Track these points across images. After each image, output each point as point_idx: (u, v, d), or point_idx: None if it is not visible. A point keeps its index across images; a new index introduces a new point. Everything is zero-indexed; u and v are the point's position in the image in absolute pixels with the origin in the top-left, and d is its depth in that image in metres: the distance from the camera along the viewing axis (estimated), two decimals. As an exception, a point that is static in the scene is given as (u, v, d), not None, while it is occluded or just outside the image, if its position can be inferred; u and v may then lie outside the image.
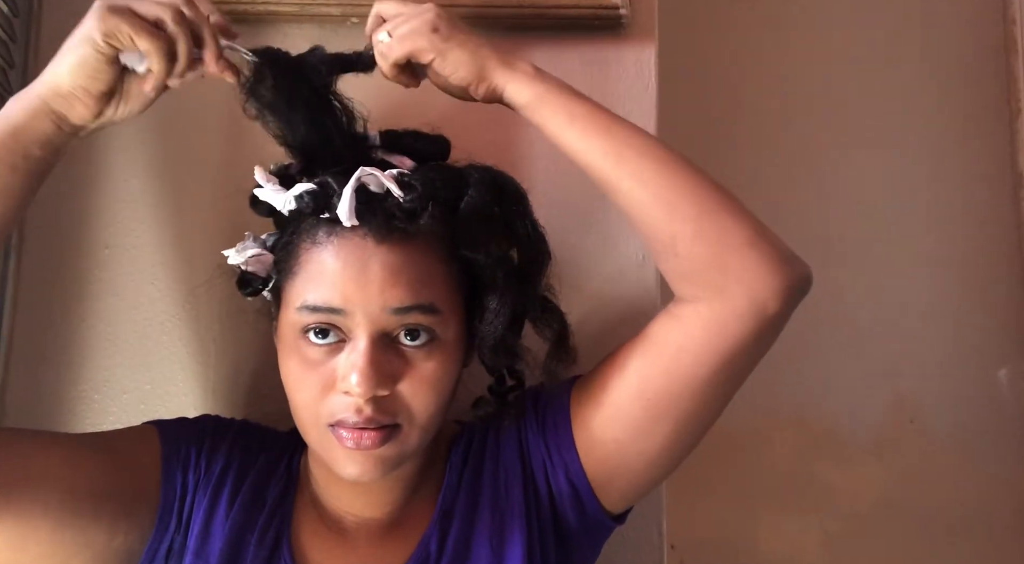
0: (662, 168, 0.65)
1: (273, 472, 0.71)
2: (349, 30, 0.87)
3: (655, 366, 0.66)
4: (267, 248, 0.70)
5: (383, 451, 0.63)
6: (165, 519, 0.67)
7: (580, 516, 0.69)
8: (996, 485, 1.30)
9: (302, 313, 0.63)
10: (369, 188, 0.64)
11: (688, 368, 0.64)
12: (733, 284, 0.62)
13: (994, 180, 1.35)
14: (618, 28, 0.89)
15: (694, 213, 0.63)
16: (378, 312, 0.62)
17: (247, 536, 0.67)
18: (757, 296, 0.62)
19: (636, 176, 0.65)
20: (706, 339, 0.63)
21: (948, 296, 1.33)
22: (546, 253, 0.70)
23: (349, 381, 0.61)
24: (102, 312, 0.85)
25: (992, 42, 1.38)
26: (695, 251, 0.63)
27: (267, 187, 0.67)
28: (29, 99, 0.63)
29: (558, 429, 0.69)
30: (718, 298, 0.63)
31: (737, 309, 0.62)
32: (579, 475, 0.68)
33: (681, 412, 0.66)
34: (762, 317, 0.62)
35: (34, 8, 0.89)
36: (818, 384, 1.30)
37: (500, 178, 0.69)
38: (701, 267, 0.63)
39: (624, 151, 0.65)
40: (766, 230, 0.64)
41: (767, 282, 0.62)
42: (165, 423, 0.72)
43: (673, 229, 0.64)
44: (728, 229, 0.63)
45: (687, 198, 0.64)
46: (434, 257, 0.65)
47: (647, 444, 0.67)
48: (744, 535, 1.29)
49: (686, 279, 0.65)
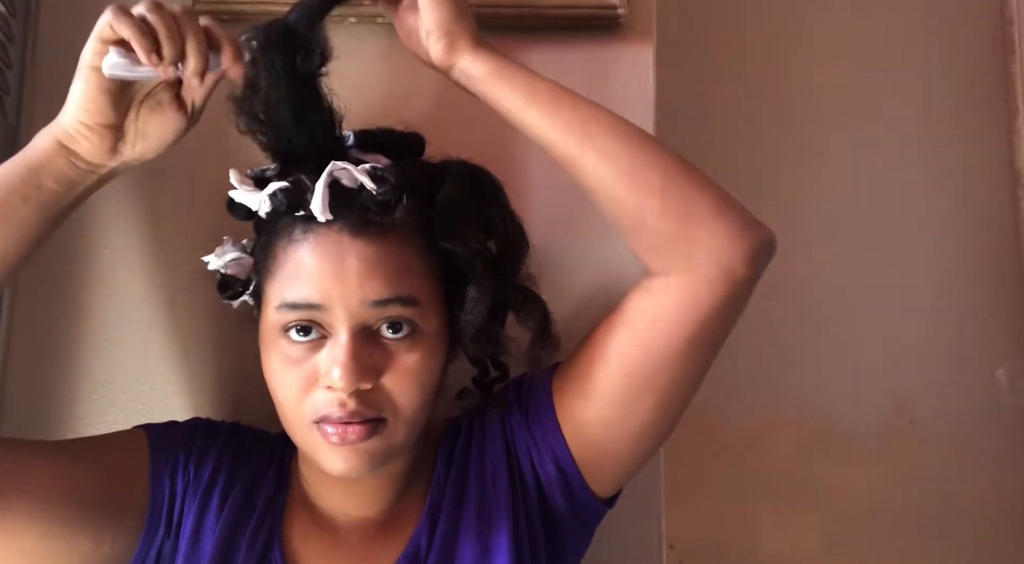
0: (626, 143, 0.66)
1: (263, 475, 0.71)
2: (349, 29, 0.87)
3: (631, 341, 0.66)
4: (246, 251, 0.70)
5: (369, 445, 0.63)
6: (153, 525, 0.67)
7: (569, 501, 0.69)
8: (996, 485, 1.30)
9: (281, 311, 0.63)
10: (342, 183, 0.64)
11: (663, 339, 0.65)
12: (701, 253, 0.63)
13: (993, 179, 1.35)
14: (616, 28, 0.89)
15: (660, 186, 0.64)
16: (357, 306, 0.62)
17: (238, 539, 0.67)
18: (725, 263, 0.63)
19: (602, 152, 0.65)
20: (678, 309, 0.64)
21: (948, 296, 1.33)
22: (524, 243, 0.70)
23: (332, 376, 0.61)
24: (102, 312, 0.85)
25: (990, 42, 1.38)
26: (663, 224, 0.64)
27: (241, 189, 0.68)
28: (46, 133, 0.65)
29: (541, 415, 0.69)
30: (687, 268, 0.64)
31: (707, 277, 0.63)
32: (566, 459, 0.68)
33: (660, 385, 0.66)
34: (731, 283, 0.63)
35: (32, 8, 0.89)
36: (818, 384, 1.30)
37: (476, 170, 0.70)
38: (669, 238, 0.64)
39: (589, 126, 0.66)
40: (728, 197, 0.65)
41: (734, 248, 0.63)
42: (154, 428, 0.71)
43: (640, 203, 0.64)
44: (693, 199, 0.64)
45: (652, 171, 0.65)
46: (411, 249, 0.65)
47: (631, 420, 0.67)
48: (743, 535, 1.29)
49: (654, 252, 0.65)
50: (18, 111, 0.87)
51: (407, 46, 0.73)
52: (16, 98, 0.87)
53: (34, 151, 0.64)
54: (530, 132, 0.68)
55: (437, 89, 0.87)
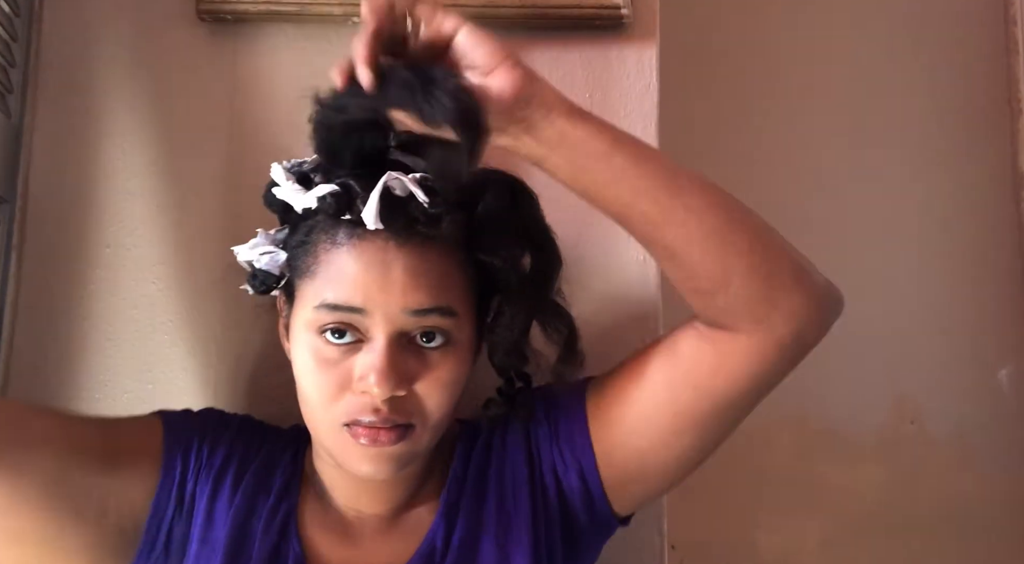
0: (715, 200, 0.61)
1: (277, 462, 0.72)
2: (350, 30, 0.87)
3: (686, 383, 0.65)
4: (279, 246, 0.69)
5: (397, 449, 0.63)
6: (162, 503, 0.67)
7: (589, 515, 0.70)
8: (996, 485, 1.30)
9: (320, 312, 0.63)
10: (393, 192, 0.63)
11: (721, 389, 0.64)
12: (779, 318, 0.61)
13: (995, 180, 1.35)
14: (620, 28, 0.89)
15: (748, 247, 0.61)
16: (397, 313, 0.62)
17: (253, 522, 0.67)
18: (800, 328, 0.62)
19: (691, 208, 0.60)
20: (744, 366, 0.63)
21: (948, 296, 1.33)
22: (558, 258, 0.70)
23: (368, 381, 0.61)
24: (102, 312, 0.85)
25: (993, 43, 1.38)
26: (746, 287, 0.61)
27: (286, 186, 0.66)
28: None
29: (574, 434, 0.69)
30: (761, 329, 0.62)
31: (780, 340, 0.62)
32: (593, 477, 0.68)
33: (705, 427, 0.66)
34: (801, 347, 0.63)
35: (35, 7, 0.89)
36: (818, 384, 1.30)
37: (515, 183, 0.69)
38: (750, 301, 0.61)
39: (679, 179, 0.61)
40: (806, 260, 0.63)
41: (811, 314, 0.62)
42: (170, 413, 0.72)
43: (727, 264, 0.60)
44: (778, 261, 0.62)
45: (742, 231, 0.61)
46: (451, 260, 0.65)
47: (668, 452, 0.67)
48: (744, 535, 1.29)
49: (730, 313, 0.62)
50: (22, 109, 0.87)
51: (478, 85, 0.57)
52: (20, 96, 0.87)
53: None
54: (608, 187, 0.60)
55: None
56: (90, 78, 0.87)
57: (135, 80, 0.88)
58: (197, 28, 0.88)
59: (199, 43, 0.88)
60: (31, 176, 0.87)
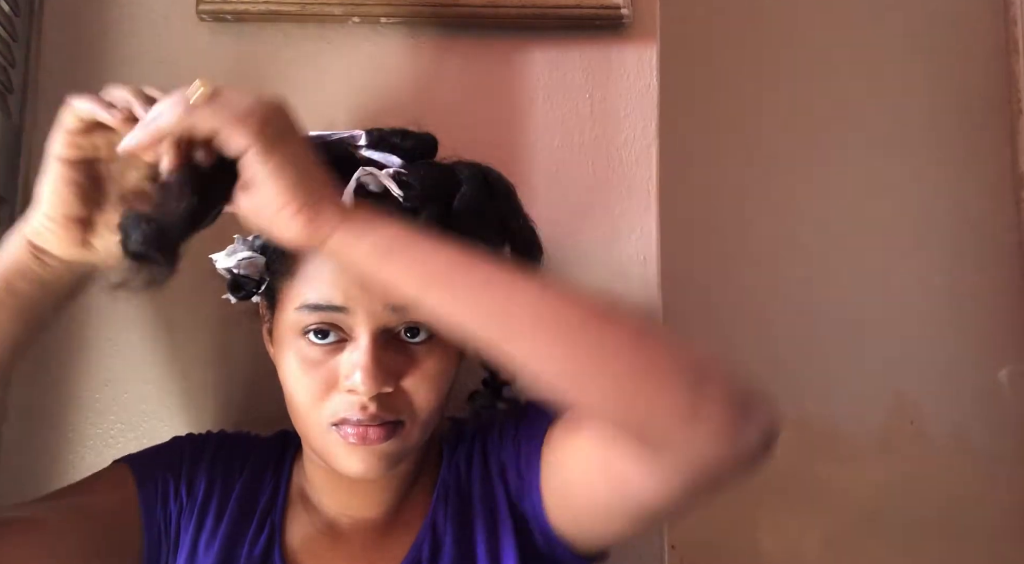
0: (564, 331, 0.53)
1: (259, 483, 0.71)
2: (350, 30, 0.87)
3: (614, 486, 0.59)
4: (257, 250, 0.69)
5: (387, 447, 0.63)
6: (153, 555, 0.67)
7: (548, 548, 0.66)
8: (996, 485, 1.30)
9: (302, 313, 0.62)
10: (368, 188, 0.63)
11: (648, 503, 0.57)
12: (679, 457, 0.52)
13: (995, 181, 1.35)
14: (620, 28, 0.89)
15: (612, 388, 0.52)
16: (380, 309, 0.61)
17: (238, 549, 0.67)
18: (709, 466, 0.52)
19: (534, 350, 0.53)
20: (664, 491, 0.55)
21: (948, 296, 1.33)
22: (539, 247, 0.70)
23: (354, 379, 0.61)
24: (102, 312, 0.85)
25: (993, 43, 1.38)
26: (622, 428, 0.53)
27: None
28: (17, 233, 0.61)
29: (528, 472, 0.66)
30: (659, 468, 0.53)
31: (685, 479, 0.53)
32: (542, 520, 0.65)
33: (641, 518, 0.61)
34: (718, 483, 0.53)
35: (35, 7, 0.89)
36: (818, 384, 1.30)
37: (490, 174, 0.68)
38: (629, 427, 0.53)
39: (512, 307, 0.54)
40: (710, 378, 0.51)
41: (718, 453, 0.51)
42: (136, 459, 0.71)
43: (593, 402, 0.54)
44: (659, 400, 0.51)
45: (606, 366, 0.52)
46: None
47: (615, 527, 0.63)
48: (744, 535, 1.29)
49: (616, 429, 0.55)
50: (22, 109, 0.87)
51: (259, 228, 0.58)
52: (20, 96, 0.87)
53: (4, 253, 0.61)
54: (434, 309, 0.56)
55: (439, 90, 0.87)
56: (90, 78, 0.87)
57: (135, 80, 0.87)
58: (197, 28, 0.88)
59: (199, 43, 0.88)
60: (31, 176, 0.87)
